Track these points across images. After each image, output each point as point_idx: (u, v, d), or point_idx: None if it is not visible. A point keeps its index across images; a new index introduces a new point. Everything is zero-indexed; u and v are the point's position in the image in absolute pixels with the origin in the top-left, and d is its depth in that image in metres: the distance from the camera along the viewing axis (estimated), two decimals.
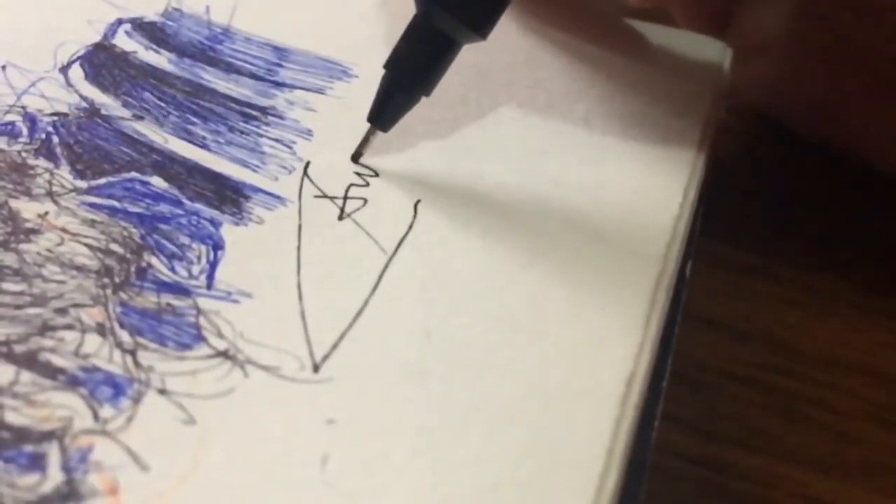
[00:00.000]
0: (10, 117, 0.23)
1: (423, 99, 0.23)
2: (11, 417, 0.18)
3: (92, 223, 0.21)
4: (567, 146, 0.25)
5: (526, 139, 0.25)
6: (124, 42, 0.26)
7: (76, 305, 0.20)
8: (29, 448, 0.18)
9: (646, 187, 0.24)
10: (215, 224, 0.22)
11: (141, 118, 0.24)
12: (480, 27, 0.23)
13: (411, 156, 0.24)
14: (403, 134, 0.24)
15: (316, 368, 0.19)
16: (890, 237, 0.29)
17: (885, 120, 0.28)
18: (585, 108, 0.26)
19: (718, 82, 0.27)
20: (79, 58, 0.25)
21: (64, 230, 0.21)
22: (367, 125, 0.24)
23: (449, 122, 0.25)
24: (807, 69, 0.29)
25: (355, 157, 0.24)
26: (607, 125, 0.25)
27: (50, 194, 0.22)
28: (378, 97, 0.23)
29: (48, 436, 0.18)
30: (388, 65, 0.23)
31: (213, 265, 0.21)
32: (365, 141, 0.24)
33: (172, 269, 0.21)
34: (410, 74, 0.23)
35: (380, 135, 0.24)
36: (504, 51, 0.26)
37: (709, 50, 0.28)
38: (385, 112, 0.23)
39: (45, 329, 0.19)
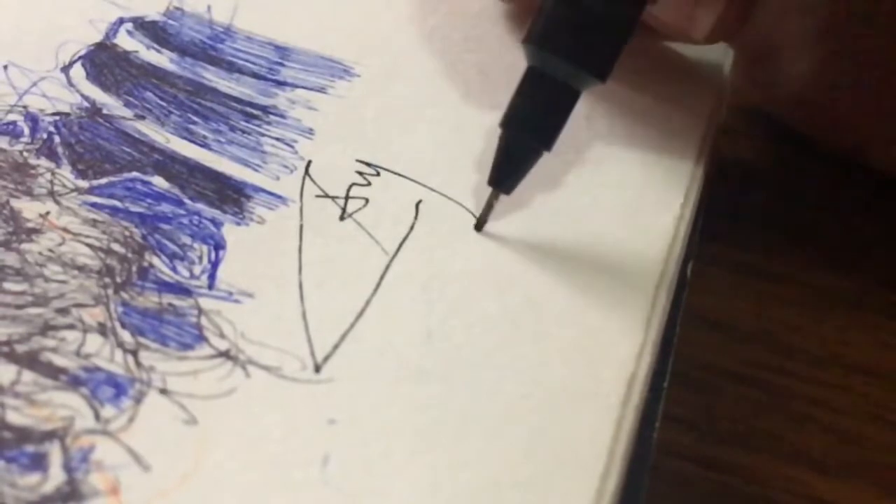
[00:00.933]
0: (11, 117, 0.23)
1: (424, 99, 0.23)
2: (13, 417, 0.18)
3: (93, 223, 0.21)
4: (568, 146, 0.24)
5: None
6: (126, 41, 0.26)
7: (78, 305, 0.20)
8: (30, 448, 0.18)
9: (647, 187, 0.24)
10: (217, 224, 0.22)
11: (142, 118, 0.24)
12: (603, 71, 0.21)
13: (413, 155, 0.24)
14: (405, 134, 0.24)
15: (317, 368, 0.19)
16: (890, 237, 0.29)
17: (887, 122, 0.28)
18: (587, 108, 0.25)
19: (720, 83, 0.27)
20: (80, 57, 0.25)
21: (65, 230, 0.21)
22: (487, 188, 0.22)
23: (450, 123, 0.25)
24: (810, 72, 0.29)
25: (479, 226, 0.22)
26: (609, 125, 0.25)
27: (51, 194, 0.22)
28: (499, 158, 0.22)
29: (49, 435, 0.18)
30: (505, 123, 0.21)
31: (214, 265, 0.21)
32: (488, 207, 0.22)
33: (174, 269, 0.21)
34: (532, 131, 0.21)
35: (382, 138, 0.23)
36: (505, 50, 0.26)
37: (710, 51, 0.28)
38: (507, 173, 0.22)
39: (47, 329, 0.19)
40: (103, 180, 0.22)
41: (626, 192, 0.24)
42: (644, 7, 0.21)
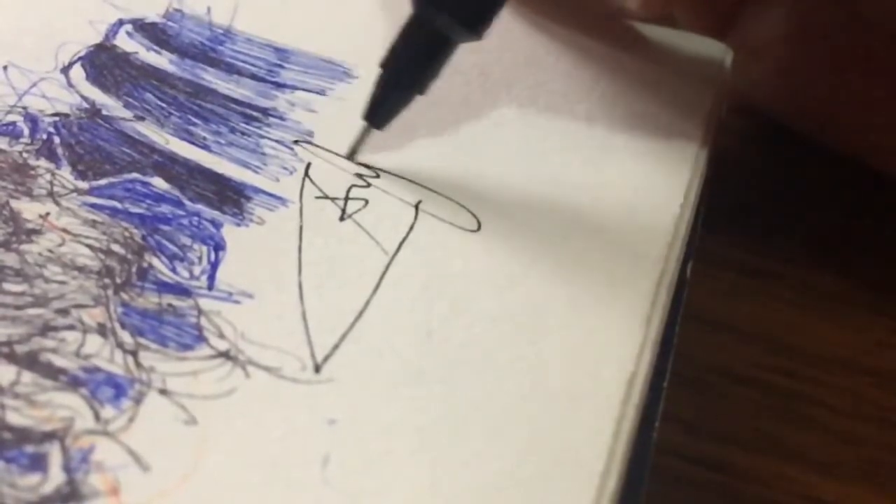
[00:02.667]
0: (11, 118, 0.23)
1: (425, 99, 0.23)
2: (13, 418, 0.18)
3: (93, 224, 0.21)
4: (568, 146, 0.25)
5: (527, 140, 0.25)
6: (125, 43, 0.26)
7: (77, 306, 0.20)
8: (30, 448, 0.18)
9: (647, 187, 0.24)
10: (216, 225, 0.22)
11: (142, 119, 0.24)
12: (475, 26, 0.23)
13: (413, 156, 0.24)
14: (405, 134, 0.24)
15: (317, 369, 0.19)
16: (890, 237, 0.29)
17: (886, 122, 0.28)
18: (587, 108, 0.26)
19: (719, 83, 0.27)
20: (80, 58, 0.25)
21: (65, 231, 0.21)
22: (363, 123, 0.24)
23: (450, 123, 0.25)
24: (809, 71, 0.29)
25: (350, 155, 0.24)
26: (609, 125, 0.25)
27: (51, 195, 0.22)
28: (373, 95, 0.23)
29: (49, 436, 0.18)
30: (384, 63, 0.23)
31: (214, 266, 0.21)
32: (360, 139, 0.24)
33: (174, 270, 0.21)
34: (405, 73, 0.23)
35: (380, 134, 0.24)
36: (505, 51, 0.26)
37: (710, 50, 0.28)
38: (380, 110, 0.23)
39: (47, 329, 0.19)
40: (103, 181, 0.22)
41: (626, 192, 0.24)
42: None
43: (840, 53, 0.28)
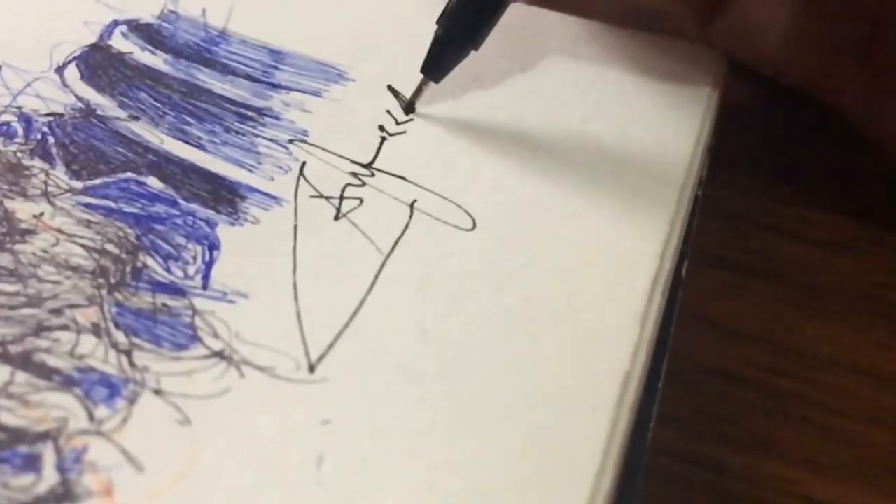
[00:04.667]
0: (5, 118, 0.23)
1: (423, 100, 0.23)
2: (6, 418, 0.18)
3: (87, 223, 0.21)
4: (563, 149, 0.25)
5: (522, 143, 0.25)
6: (120, 43, 0.26)
7: (71, 306, 0.20)
8: (24, 449, 0.17)
9: (642, 189, 0.24)
10: (211, 224, 0.22)
11: (137, 118, 0.24)
12: None
13: (405, 158, 0.24)
14: (404, 136, 0.24)
15: (311, 369, 0.19)
16: (890, 238, 0.29)
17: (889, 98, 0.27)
18: (582, 112, 0.26)
19: (714, 88, 0.27)
20: (75, 58, 0.25)
21: (59, 230, 0.21)
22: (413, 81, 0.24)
23: (443, 125, 0.25)
24: (808, 46, 0.28)
25: (409, 108, 0.25)
26: (604, 125, 0.25)
27: (45, 195, 0.22)
28: (431, 50, 0.25)
29: (43, 436, 0.18)
30: (441, 19, 0.24)
31: (208, 265, 0.21)
32: (418, 91, 0.25)
33: (168, 270, 0.21)
34: (462, 29, 0.24)
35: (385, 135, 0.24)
36: (499, 55, 0.26)
37: (704, 59, 0.28)
38: (437, 64, 0.25)
39: (41, 329, 0.19)
40: (97, 181, 0.22)
41: (621, 192, 0.24)
42: None
43: (841, 27, 0.27)
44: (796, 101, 0.30)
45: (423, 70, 0.25)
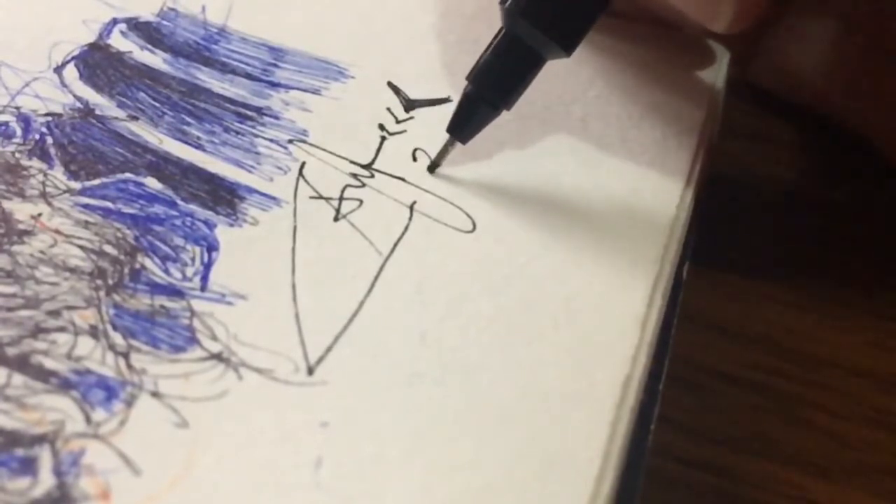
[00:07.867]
0: (3, 118, 0.23)
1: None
2: (3, 421, 0.18)
3: (85, 224, 0.21)
4: (564, 148, 0.24)
5: (522, 142, 0.24)
6: (119, 42, 0.26)
7: (69, 307, 0.20)
8: (20, 452, 0.17)
9: (643, 189, 0.24)
10: (210, 225, 0.22)
11: (136, 118, 0.24)
12: (569, 45, 0.22)
13: (405, 158, 0.24)
14: (404, 136, 0.24)
15: (310, 371, 0.19)
16: (889, 238, 0.29)
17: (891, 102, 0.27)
18: (582, 110, 0.25)
19: (716, 84, 0.27)
20: (73, 58, 0.25)
21: (57, 231, 0.21)
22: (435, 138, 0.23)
23: (444, 124, 0.25)
24: (816, 54, 0.28)
25: (432, 168, 0.23)
26: (604, 127, 0.25)
27: (43, 195, 0.22)
28: (460, 109, 0.23)
29: (40, 439, 0.18)
30: (473, 78, 0.23)
31: (207, 267, 0.21)
32: (443, 152, 0.23)
33: (166, 271, 0.21)
34: (495, 89, 0.23)
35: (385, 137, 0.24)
36: None
37: (706, 52, 0.28)
38: (466, 125, 0.23)
39: (38, 331, 0.19)
40: (96, 181, 0.22)
41: (621, 194, 0.23)
42: None
43: (848, 36, 0.27)
44: (796, 101, 0.30)
45: (450, 130, 0.23)
